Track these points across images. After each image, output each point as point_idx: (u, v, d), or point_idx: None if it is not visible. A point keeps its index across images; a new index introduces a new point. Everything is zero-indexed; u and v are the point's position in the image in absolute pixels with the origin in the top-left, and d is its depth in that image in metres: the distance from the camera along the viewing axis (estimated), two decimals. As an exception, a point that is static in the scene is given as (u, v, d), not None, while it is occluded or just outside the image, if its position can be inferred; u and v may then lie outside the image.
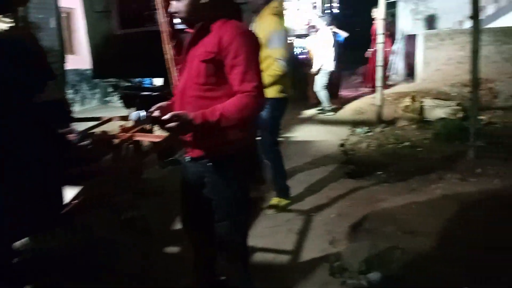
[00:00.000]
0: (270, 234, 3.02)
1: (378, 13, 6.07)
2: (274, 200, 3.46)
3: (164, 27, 3.00)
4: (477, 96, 4.33)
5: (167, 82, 4.43)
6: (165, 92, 4.05)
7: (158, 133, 3.28)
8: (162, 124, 1.66)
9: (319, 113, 7.28)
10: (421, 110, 5.85)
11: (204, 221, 2.00)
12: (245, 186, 1.95)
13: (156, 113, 1.76)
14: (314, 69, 7.23)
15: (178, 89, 1.89)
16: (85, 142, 2.48)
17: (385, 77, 8.26)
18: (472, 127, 4.22)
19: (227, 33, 1.71)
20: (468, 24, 4.25)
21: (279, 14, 3.17)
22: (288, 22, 8.60)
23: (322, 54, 7.17)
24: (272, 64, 3.04)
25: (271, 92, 3.08)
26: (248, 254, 2.10)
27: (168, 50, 3.06)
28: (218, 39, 1.71)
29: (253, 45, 1.77)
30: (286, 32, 3.23)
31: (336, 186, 3.88)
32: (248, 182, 2.03)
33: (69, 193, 2.26)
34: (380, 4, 5.93)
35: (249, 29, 1.84)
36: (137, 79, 5.13)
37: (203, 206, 1.94)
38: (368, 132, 5.54)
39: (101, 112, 6.87)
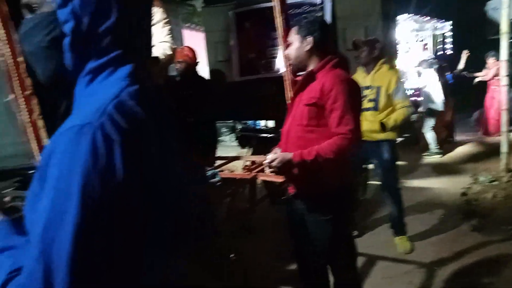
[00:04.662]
0: (388, 286, 2.89)
1: (501, 55, 5.66)
2: (401, 241, 3.42)
3: (286, 75, 3.18)
4: None
5: (278, 124, 4.64)
6: (278, 134, 4.23)
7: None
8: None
9: (425, 156, 6.98)
10: (556, 159, 5.18)
11: (311, 256, 2.13)
12: (343, 225, 2.05)
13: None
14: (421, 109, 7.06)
15: (284, 130, 2.09)
16: (214, 180, 2.68)
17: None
18: None
19: (328, 81, 1.89)
20: None
21: (394, 67, 3.49)
22: (399, 64, 8.52)
23: (428, 95, 6.97)
24: (397, 111, 3.23)
25: (393, 135, 3.31)
26: None
27: (289, 96, 3.22)
28: (321, 85, 1.90)
29: (351, 92, 1.92)
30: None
31: (459, 238, 3.57)
32: (346, 221, 2.12)
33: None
34: (502, 45, 5.52)
35: (350, 77, 2.01)
36: (251, 121, 5.43)
37: (306, 242, 2.08)
38: (493, 181, 5.05)
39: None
